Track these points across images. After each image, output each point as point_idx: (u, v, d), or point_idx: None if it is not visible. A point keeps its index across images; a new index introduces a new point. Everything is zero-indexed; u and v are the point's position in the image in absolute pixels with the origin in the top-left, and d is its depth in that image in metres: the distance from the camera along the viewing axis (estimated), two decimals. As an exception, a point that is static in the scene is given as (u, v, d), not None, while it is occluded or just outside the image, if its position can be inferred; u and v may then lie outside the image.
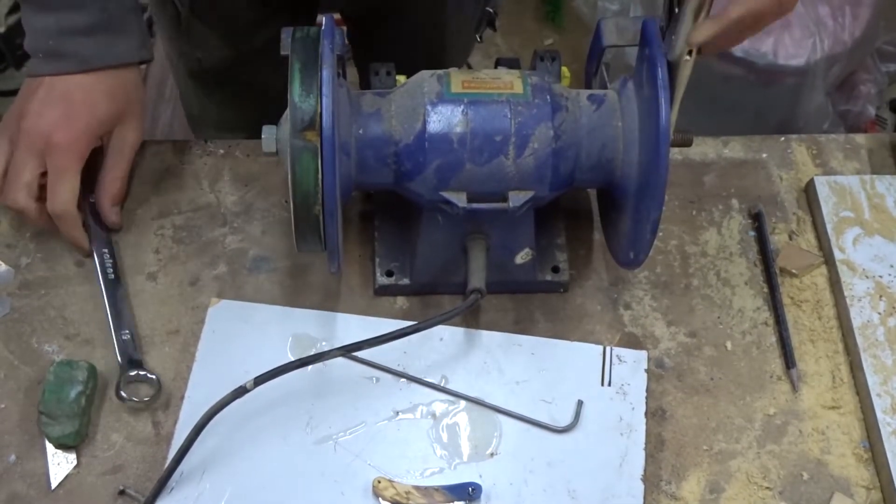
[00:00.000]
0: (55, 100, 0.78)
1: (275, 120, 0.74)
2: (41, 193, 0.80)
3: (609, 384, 0.80)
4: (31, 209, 0.80)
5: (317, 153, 0.67)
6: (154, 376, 0.79)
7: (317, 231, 0.71)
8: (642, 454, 0.77)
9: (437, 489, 0.75)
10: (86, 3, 0.76)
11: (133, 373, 0.79)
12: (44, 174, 0.80)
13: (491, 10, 0.82)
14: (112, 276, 0.84)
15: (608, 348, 0.82)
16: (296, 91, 0.68)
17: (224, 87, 0.81)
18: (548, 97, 0.74)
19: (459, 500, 0.74)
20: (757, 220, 0.91)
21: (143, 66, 0.84)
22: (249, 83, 0.83)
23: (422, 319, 0.76)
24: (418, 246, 0.81)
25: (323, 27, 0.71)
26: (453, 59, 1.16)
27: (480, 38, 0.87)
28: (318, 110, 0.67)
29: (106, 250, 0.86)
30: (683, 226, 0.91)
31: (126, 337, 0.81)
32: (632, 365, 0.81)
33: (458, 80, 0.75)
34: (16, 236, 0.88)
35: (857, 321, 0.83)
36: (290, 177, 0.68)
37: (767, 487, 0.77)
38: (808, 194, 0.93)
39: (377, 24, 1.13)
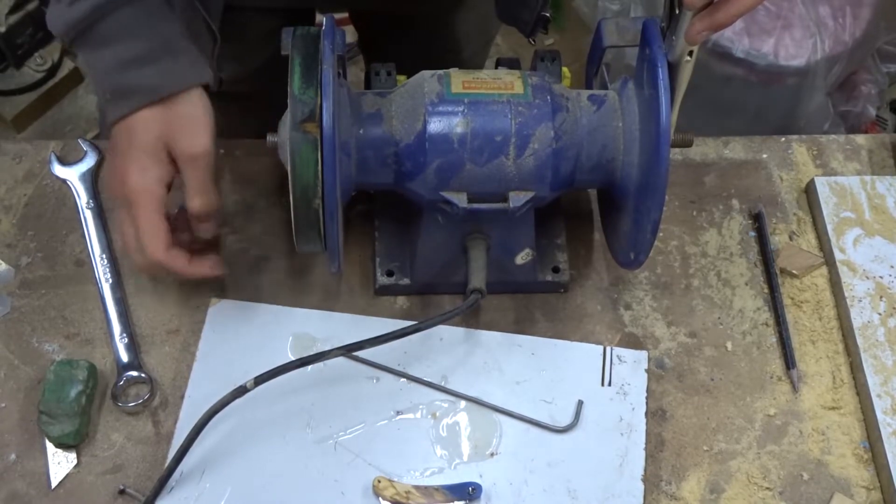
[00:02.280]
0: (117, 150, 0.74)
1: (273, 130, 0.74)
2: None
3: (609, 384, 0.80)
4: (175, 259, 0.75)
5: (317, 145, 0.67)
6: (146, 376, 0.79)
7: (316, 227, 0.71)
8: (642, 454, 0.77)
9: (437, 489, 0.75)
10: (140, 30, 0.71)
11: (127, 375, 0.79)
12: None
13: (546, 14, 0.82)
14: (111, 276, 0.84)
15: (608, 348, 0.82)
16: (296, 84, 0.68)
17: (231, 99, 0.80)
18: (548, 97, 0.74)
19: (459, 499, 0.74)
20: (757, 220, 0.91)
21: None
22: (254, 95, 0.82)
23: (422, 319, 0.76)
24: (418, 246, 0.81)
25: (323, 27, 0.71)
26: (468, 62, 1.16)
27: (534, 41, 0.87)
28: (318, 102, 0.67)
29: (106, 250, 0.86)
30: (683, 226, 0.91)
31: (124, 340, 0.81)
32: (632, 365, 0.81)
33: (458, 80, 0.74)
34: (16, 236, 0.88)
35: (857, 322, 0.83)
36: (289, 170, 0.68)
37: (767, 488, 0.77)
38: (809, 195, 0.93)
39: (385, 27, 1.13)
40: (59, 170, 0.91)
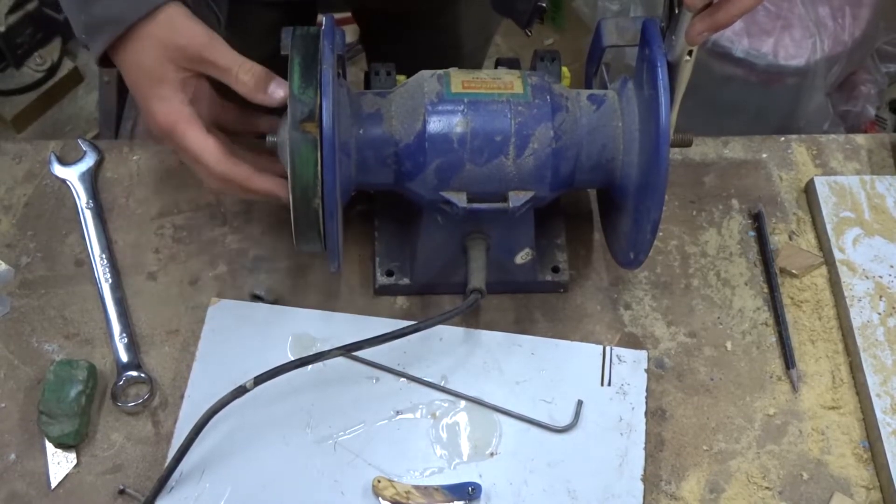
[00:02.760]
0: (131, 89, 0.72)
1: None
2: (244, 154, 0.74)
3: (609, 384, 0.80)
4: (238, 168, 0.73)
5: (316, 145, 0.67)
6: (146, 376, 0.79)
7: (316, 227, 0.71)
8: (642, 454, 0.77)
9: (436, 489, 0.75)
10: None
11: (127, 375, 0.79)
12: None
13: (542, 5, 0.81)
14: (111, 276, 0.84)
15: (608, 348, 0.82)
16: (295, 84, 0.68)
17: (231, 98, 0.80)
18: (548, 97, 0.74)
19: (459, 499, 0.74)
20: (757, 220, 0.91)
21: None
22: None
23: (422, 319, 0.76)
24: (418, 246, 0.81)
25: (323, 27, 0.71)
26: (469, 58, 1.16)
27: (530, 32, 0.86)
28: (318, 101, 0.67)
29: (106, 250, 0.86)
30: (683, 226, 0.91)
31: (124, 340, 0.81)
32: (632, 365, 0.81)
33: (458, 80, 0.74)
34: (16, 236, 0.88)
35: (856, 321, 0.83)
36: (289, 170, 0.68)
37: (767, 487, 0.77)
38: (808, 194, 0.93)
39: (387, 24, 1.13)
40: (58, 170, 0.91)
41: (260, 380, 0.72)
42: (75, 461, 0.76)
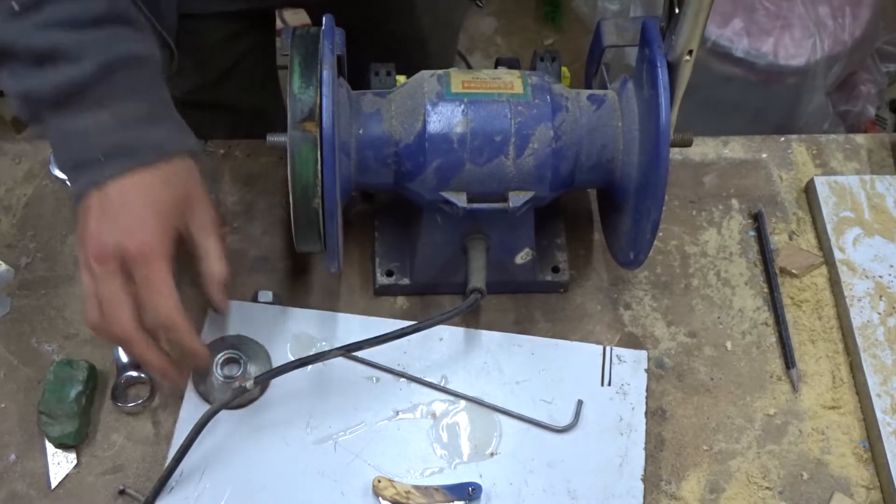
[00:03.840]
0: (115, 209, 0.68)
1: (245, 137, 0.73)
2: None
3: (609, 384, 0.80)
4: (141, 338, 0.69)
5: (316, 144, 0.67)
6: (146, 376, 0.79)
7: (316, 226, 0.71)
8: (642, 454, 0.77)
9: (437, 489, 0.75)
10: (141, 92, 0.69)
11: (127, 375, 0.79)
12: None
13: None
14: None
15: (608, 348, 0.82)
16: (295, 83, 0.69)
17: (195, 109, 0.78)
18: (548, 97, 0.74)
19: (459, 499, 0.74)
20: (757, 220, 0.91)
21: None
22: (218, 105, 0.81)
23: (422, 319, 0.76)
24: (418, 246, 0.81)
25: (323, 27, 0.71)
26: (436, 56, 1.14)
27: (481, 3, 0.86)
28: (318, 101, 0.67)
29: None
30: (683, 226, 0.91)
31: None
32: (632, 365, 0.81)
33: (458, 80, 0.75)
34: (16, 236, 0.88)
35: (857, 321, 0.83)
36: (289, 169, 0.69)
37: (767, 487, 0.77)
38: (808, 194, 0.93)
39: (346, 26, 1.12)
40: (58, 170, 0.91)
41: (260, 380, 0.72)
42: (75, 461, 0.76)
